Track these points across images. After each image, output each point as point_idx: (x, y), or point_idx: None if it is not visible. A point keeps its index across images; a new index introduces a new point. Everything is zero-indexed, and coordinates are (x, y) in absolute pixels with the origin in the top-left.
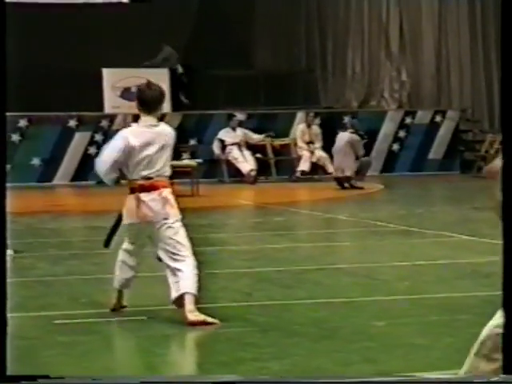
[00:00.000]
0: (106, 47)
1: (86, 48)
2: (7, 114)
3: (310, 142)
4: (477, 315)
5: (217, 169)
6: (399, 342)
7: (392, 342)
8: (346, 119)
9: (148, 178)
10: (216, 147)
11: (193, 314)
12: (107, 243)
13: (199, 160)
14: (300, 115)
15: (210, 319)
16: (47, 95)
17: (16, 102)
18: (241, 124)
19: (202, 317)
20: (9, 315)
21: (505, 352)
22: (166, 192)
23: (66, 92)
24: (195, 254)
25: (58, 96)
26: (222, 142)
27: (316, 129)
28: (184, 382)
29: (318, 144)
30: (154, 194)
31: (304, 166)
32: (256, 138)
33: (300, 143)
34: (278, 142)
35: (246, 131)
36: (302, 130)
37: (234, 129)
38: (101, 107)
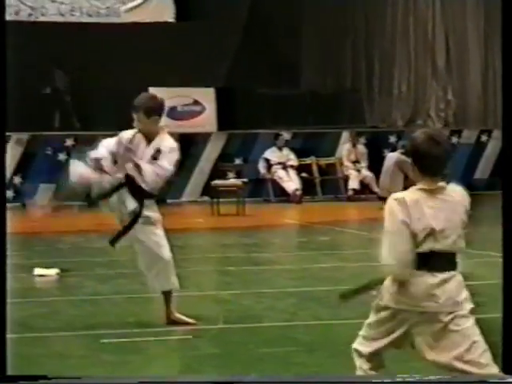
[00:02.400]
0: (152, 67)
1: (133, 67)
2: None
3: (355, 162)
4: None
5: (262, 188)
6: None
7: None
8: (392, 139)
9: None
10: (262, 166)
11: None
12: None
13: (245, 179)
14: (345, 134)
15: None
16: (94, 114)
17: (62, 122)
18: (286, 143)
19: None
20: (57, 334)
21: (505, 352)
22: None
23: (112, 111)
24: (241, 273)
25: (104, 115)
26: (267, 161)
27: (362, 148)
28: (184, 381)
29: (364, 163)
30: None
31: (354, 184)
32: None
33: (346, 162)
34: (323, 162)
35: (289, 152)
36: (348, 150)
37: (280, 148)
38: None
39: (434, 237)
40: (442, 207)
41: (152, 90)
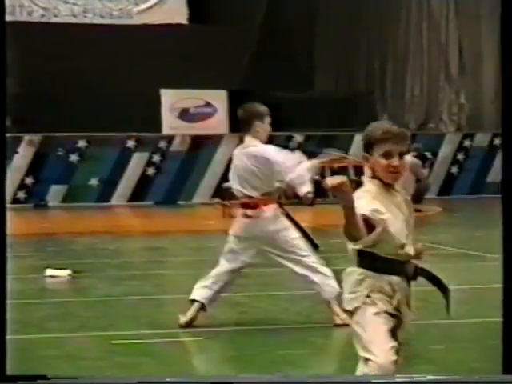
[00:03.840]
0: (164, 68)
1: (145, 69)
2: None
3: None
4: None
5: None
6: (458, 366)
7: (451, 366)
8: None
9: None
10: None
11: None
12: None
13: None
14: (358, 137)
15: None
16: (106, 116)
17: (75, 123)
18: (299, 146)
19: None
20: (69, 335)
21: (505, 352)
22: None
23: (124, 113)
24: (256, 275)
25: (116, 117)
26: None
27: None
28: (183, 382)
29: None
30: None
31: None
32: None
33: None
34: (336, 164)
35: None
36: None
37: (292, 150)
38: (159, 128)
39: None
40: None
41: (164, 92)
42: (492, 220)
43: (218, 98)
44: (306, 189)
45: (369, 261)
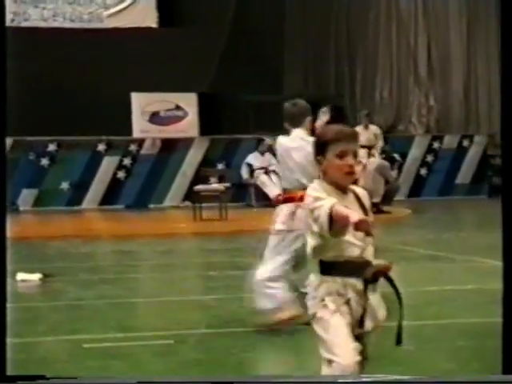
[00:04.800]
0: (134, 72)
1: (115, 73)
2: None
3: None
4: None
5: (245, 193)
6: (427, 366)
7: (419, 367)
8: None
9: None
10: (244, 171)
11: None
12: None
13: (227, 184)
14: None
15: None
16: (76, 120)
17: (45, 127)
18: (269, 148)
19: None
20: (40, 339)
21: (505, 352)
22: None
23: (95, 116)
24: (226, 278)
25: (87, 120)
26: (250, 166)
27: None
28: (183, 382)
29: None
30: None
31: None
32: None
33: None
34: None
35: (271, 158)
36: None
37: (262, 153)
38: (129, 131)
39: None
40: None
41: (134, 96)
42: (461, 222)
43: (189, 101)
44: (276, 191)
45: (324, 265)
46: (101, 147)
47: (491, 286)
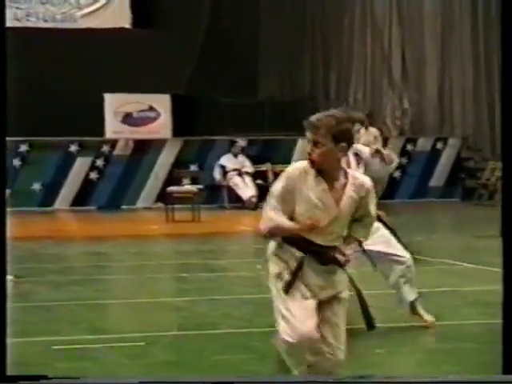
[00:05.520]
0: (107, 72)
1: (88, 73)
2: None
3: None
4: (478, 343)
5: (218, 195)
6: (399, 369)
7: (392, 370)
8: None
9: None
10: (217, 173)
11: None
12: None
13: (200, 186)
14: (301, 142)
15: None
16: (48, 120)
17: (17, 127)
18: (242, 150)
19: None
20: (9, 341)
21: (505, 352)
22: None
23: (67, 117)
24: (197, 280)
25: (59, 121)
26: (223, 167)
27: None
28: (183, 382)
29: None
30: None
31: None
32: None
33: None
34: (279, 168)
35: (245, 159)
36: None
37: (235, 155)
38: (102, 132)
39: None
40: None
41: (107, 96)
42: (434, 224)
43: (162, 103)
44: (249, 193)
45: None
46: (73, 148)
47: (464, 289)
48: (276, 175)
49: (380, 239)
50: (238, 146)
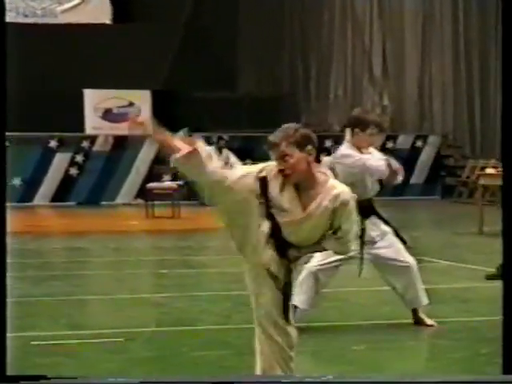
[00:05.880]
0: (87, 68)
1: (68, 68)
2: None
3: None
4: (456, 340)
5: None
6: (377, 366)
7: (370, 367)
8: (328, 143)
9: None
10: None
11: None
12: None
13: (180, 182)
14: None
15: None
16: (28, 115)
17: None
18: (225, 146)
19: None
20: None
21: (505, 352)
22: None
23: (46, 112)
24: (176, 276)
25: (38, 116)
26: None
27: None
28: (184, 381)
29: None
30: None
31: None
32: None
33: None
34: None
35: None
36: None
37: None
38: (82, 128)
39: None
40: None
41: (87, 92)
42: (413, 221)
43: (142, 98)
44: None
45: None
46: (53, 143)
47: (443, 286)
48: None
49: (386, 242)
50: (220, 142)
